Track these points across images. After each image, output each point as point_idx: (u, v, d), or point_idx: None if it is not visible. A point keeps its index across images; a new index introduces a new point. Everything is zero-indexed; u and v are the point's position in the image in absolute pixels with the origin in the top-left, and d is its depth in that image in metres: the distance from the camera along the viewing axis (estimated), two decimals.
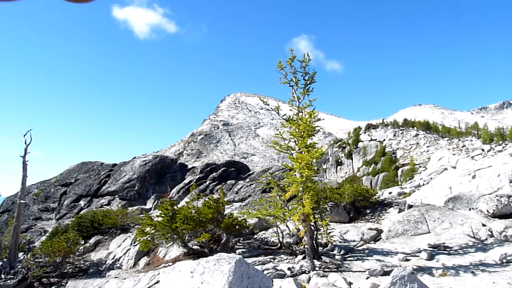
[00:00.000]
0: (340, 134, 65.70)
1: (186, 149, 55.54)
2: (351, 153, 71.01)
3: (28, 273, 14.42)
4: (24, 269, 14.80)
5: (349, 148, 71.83)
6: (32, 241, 20.86)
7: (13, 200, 31.17)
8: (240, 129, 61.39)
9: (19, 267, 15.17)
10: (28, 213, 26.93)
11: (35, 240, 21.39)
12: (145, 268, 13.09)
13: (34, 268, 14.34)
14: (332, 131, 65.42)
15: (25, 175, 17.84)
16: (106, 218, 18.31)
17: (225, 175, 25.39)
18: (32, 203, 29.37)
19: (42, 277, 14.17)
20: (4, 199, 31.43)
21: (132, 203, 25.13)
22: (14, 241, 16.23)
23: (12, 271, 15.00)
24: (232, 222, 11.88)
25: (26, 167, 17.79)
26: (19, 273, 14.69)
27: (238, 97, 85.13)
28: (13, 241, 16.20)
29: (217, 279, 6.48)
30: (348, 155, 71.12)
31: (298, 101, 10.73)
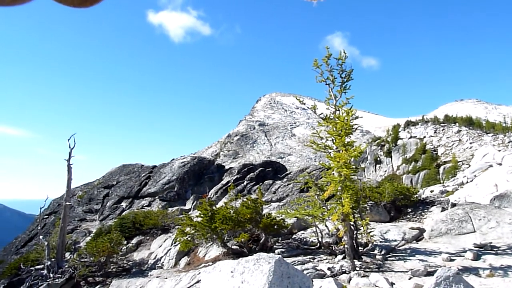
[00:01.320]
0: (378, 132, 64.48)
1: (222, 150, 55.93)
2: (390, 151, 69.47)
3: (74, 272, 14.95)
4: (71, 268, 15.36)
5: (388, 146, 70.30)
6: (78, 242, 21.60)
7: (59, 202, 32.38)
8: (276, 129, 61.08)
9: (66, 266, 15.76)
10: (73, 214, 27.91)
11: (80, 240, 22.14)
12: (186, 268, 13.29)
13: (80, 268, 14.86)
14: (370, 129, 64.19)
15: (70, 178, 18.50)
16: (147, 219, 18.72)
17: (262, 175, 25.44)
18: (77, 205, 30.43)
19: (87, 276, 14.67)
20: (50, 201, 32.68)
21: (172, 204, 25.58)
22: (61, 242, 16.87)
23: (60, 270, 15.60)
24: (270, 222, 11.89)
25: (70, 170, 18.45)
26: (66, 272, 15.27)
27: (274, 97, 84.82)
28: (60, 241, 16.84)
29: (257, 279, 6.50)
30: (387, 153, 69.63)
31: (335, 99, 10.60)
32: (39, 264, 17.20)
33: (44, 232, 26.39)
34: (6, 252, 28.52)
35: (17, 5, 0.99)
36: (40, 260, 17.59)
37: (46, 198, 22.09)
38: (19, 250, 26.48)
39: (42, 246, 18.64)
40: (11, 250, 28.13)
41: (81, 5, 1.00)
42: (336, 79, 10.57)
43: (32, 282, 15.61)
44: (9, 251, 28.17)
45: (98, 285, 14.16)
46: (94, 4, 1.01)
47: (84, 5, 1.01)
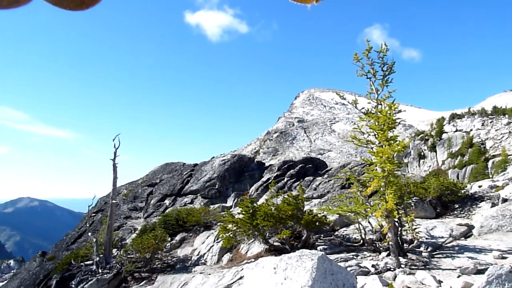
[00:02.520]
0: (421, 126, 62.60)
1: (262, 147, 55.98)
2: (434, 145, 67.30)
3: (121, 268, 15.43)
4: (118, 264, 15.86)
5: (432, 140, 68.13)
6: (124, 238, 22.27)
7: (105, 200, 33.50)
8: (315, 125, 60.49)
9: (113, 262, 16.29)
10: (119, 212, 28.78)
11: (126, 237, 22.81)
12: (229, 264, 13.42)
13: (127, 264, 15.32)
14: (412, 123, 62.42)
15: (115, 177, 19.10)
16: (190, 216, 19.04)
17: (302, 172, 25.30)
18: (122, 203, 31.37)
19: (134, 271, 15.09)
20: (97, 200, 33.84)
21: (214, 201, 25.90)
22: (108, 238, 17.45)
23: (108, 266, 16.14)
24: (312, 219, 11.81)
25: (116, 170, 19.05)
26: (114, 268, 15.78)
27: (312, 93, 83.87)
28: (108, 238, 17.42)
29: (300, 275, 6.48)
30: (431, 148, 67.50)
31: (377, 93, 10.37)
32: (88, 260, 17.87)
33: (92, 229, 27.38)
34: (58, 248, 29.80)
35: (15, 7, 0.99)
36: (89, 256, 18.26)
37: (94, 196, 22.93)
38: (69, 247, 27.60)
39: (90, 243, 19.36)
40: (62, 247, 29.36)
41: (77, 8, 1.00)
42: (377, 73, 10.33)
43: (82, 277, 16.24)
44: (60, 248, 29.42)
45: (144, 280, 14.54)
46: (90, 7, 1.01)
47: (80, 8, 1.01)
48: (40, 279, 23.27)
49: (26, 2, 0.99)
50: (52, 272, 21.23)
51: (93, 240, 17.82)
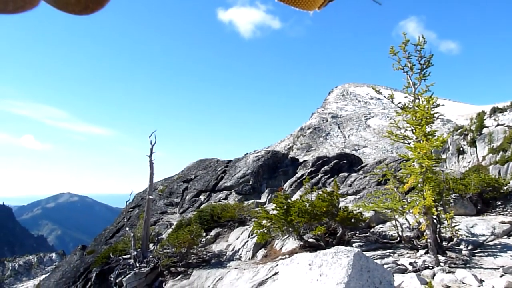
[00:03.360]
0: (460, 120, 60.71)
1: (295, 144, 55.66)
2: (474, 140, 65.09)
3: (158, 262, 15.75)
4: (154, 259, 16.19)
5: (471, 135, 65.93)
6: (160, 233, 22.69)
7: (142, 196, 34.23)
8: (349, 120, 59.62)
9: (150, 256, 16.64)
10: (156, 207, 29.35)
11: (162, 232, 23.23)
12: (263, 260, 13.46)
13: (163, 258, 15.61)
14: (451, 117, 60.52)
15: (152, 173, 19.48)
16: (225, 212, 19.19)
17: (337, 168, 25.03)
18: (158, 199, 31.97)
19: (170, 266, 15.36)
20: (134, 196, 34.62)
21: (247, 197, 26.00)
22: (145, 233, 17.83)
23: (145, 260, 16.50)
24: (347, 215, 11.68)
25: (152, 166, 19.42)
26: (151, 262, 16.12)
27: (346, 88, 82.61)
28: (145, 233, 17.81)
29: (335, 272, 6.43)
30: (471, 143, 65.34)
31: (414, 87, 10.12)
32: (126, 254, 18.32)
33: (130, 224, 28.06)
34: (97, 242, 30.72)
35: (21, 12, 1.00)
36: (127, 250, 18.73)
37: (131, 192, 23.44)
38: (108, 241, 28.38)
39: (128, 237, 19.84)
40: (101, 241, 30.24)
41: (82, 13, 1.01)
42: (414, 66, 10.08)
43: (120, 270, 16.68)
44: (99, 242, 30.30)
45: (180, 275, 14.77)
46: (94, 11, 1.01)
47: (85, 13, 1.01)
48: (80, 272, 24.06)
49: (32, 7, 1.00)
50: (92, 265, 21.90)
51: (130, 235, 18.26)
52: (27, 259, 72.59)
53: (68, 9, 1.00)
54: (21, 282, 61.11)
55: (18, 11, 0.99)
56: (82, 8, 1.00)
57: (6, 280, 63.76)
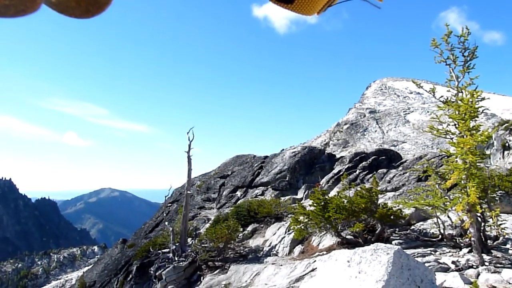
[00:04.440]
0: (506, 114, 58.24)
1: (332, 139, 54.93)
2: None
3: (196, 256, 16.00)
4: (193, 253, 16.46)
5: None
6: (198, 228, 23.02)
7: (180, 191, 34.83)
8: (388, 115, 58.23)
9: (189, 251, 16.93)
10: (193, 202, 29.77)
11: (200, 227, 23.57)
12: (300, 256, 13.42)
13: (201, 252, 15.84)
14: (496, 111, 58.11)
15: (190, 168, 19.80)
16: (261, 208, 19.25)
17: (375, 164, 24.57)
18: (196, 194, 32.42)
19: (208, 260, 15.58)
20: (173, 191, 35.27)
21: (284, 193, 25.96)
22: (184, 228, 18.15)
23: (184, 254, 16.81)
24: (386, 212, 11.46)
25: (190, 162, 19.73)
26: (189, 256, 16.40)
27: (385, 83, 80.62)
28: (183, 227, 18.13)
29: (375, 269, 6.33)
30: None
31: (457, 80, 9.77)
32: (165, 248, 18.71)
33: (169, 218, 28.64)
34: (137, 236, 31.53)
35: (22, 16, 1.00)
36: (166, 244, 19.12)
37: (170, 187, 23.95)
38: (147, 235, 29.06)
39: (167, 232, 20.25)
40: (140, 235, 31.00)
41: (82, 16, 1.00)
42: (457, 58, 9.73)
43: (160, 264, 17.06)
44: (139, 235, 31.08)
45: (218, 269, 14.95)
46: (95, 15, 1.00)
47: (86, 16, 1.00)
48: (121, 264, 24.78)
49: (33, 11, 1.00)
50: (132, 258, 22.51)
51: (169, 229, 18.62)
52: (71, 251, 75.55)
53: (68, 13, 1.00)
54: (66, 273, 63.67)
55: (19, 14, 0.99)
56: (83, 12, 1.00)
57: (52, 271, 66.62)
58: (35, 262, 70.78)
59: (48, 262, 70.38)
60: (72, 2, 1.00)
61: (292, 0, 1.07)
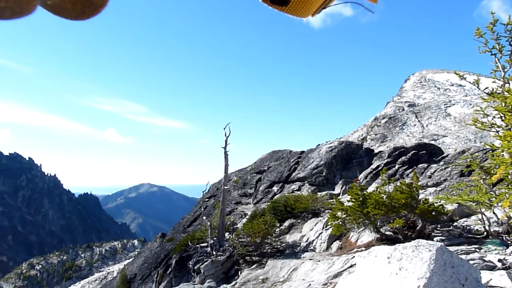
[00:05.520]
0: None
1: (369, 134, 53.91)
2: None
3: (234, 251, 16.14)
4: (230, 247, 16.61)
5: None
6: (235, 223, 23.22)
7: (217, 186, 35.21)
8: (428, 109, 56.51)
9: (226, 245, 17.10)
10: (230, 198, 30.03)
11: (237, 222, 23.76)
12: (338, 252, 13.28)
13: (239, 247, 15.97)
14: None
15: (226, 164, 19.96)
16: (298, 203, 19.18)
17: (415, 159, 23.94)
18: (233, 189, 32.68)
19: (245, 255, 15.68)
20: (210, 186, 35.70)
21: (321, 188, 25.75)
22: (221, 222, 18.34)
23: (221, 249, 16.99)
24: (428, 208, 11.14)
25: (227, 157, 19.90)
26: (226, 251, 16.56)
27: (424, 75, 78.21)
28: (221, 222, 18.32)
29: (416, 266, 6.17)
30: None
31: (503, 70, 9.36)
32: (203, 242, 18.98)
33: (206, 213, 29.02)
34: (175, 231, 32.13)
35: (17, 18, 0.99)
36: (204, 238, 19.39)
37: (207, 183, 24.27)
38: (186, 229, 29.56)
39: (205, 226, 20.54)
40: (179, 229, 31.58)
41: (78, 18, 0.99)
42: (504, 48, 9.31)
43: (198, 258, 17.32)
44: (178, 230, 31.66)
45: (255, 264, 15.02)
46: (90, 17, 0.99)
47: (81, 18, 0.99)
48: (161, 258, 25.32)
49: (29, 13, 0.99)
50: (171, 252, 22.96)
51: (207, 224, 18.87)
52: (112, 245, 77.92)
53: (64, 14, 0.99)
54: (108, 266, 65.76)
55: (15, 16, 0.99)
56: (78, 14, 0.99)
57: (94, 264, 69.00)
58: (79, 254, 73.45)
59: (91, 255, 72.92)
60: (68, 4, 1.00)
61: (286, 2, 1.07)
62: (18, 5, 0.99)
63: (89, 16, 0.99)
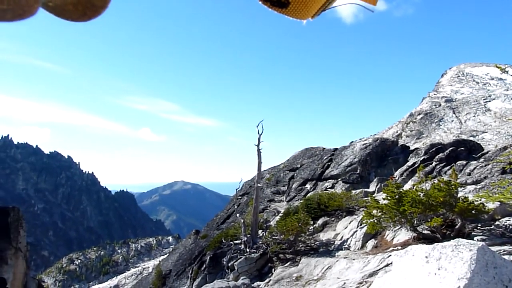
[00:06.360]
0: None
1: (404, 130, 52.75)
2: None
3: (267, 248, 16.16)
4: (264, 245, 16.65)
5: None
6: (268, 220, 23.24)
7: (250, 184, 35.36)
8: (466, 104, 54.71)
9: (260, 242, 17.14)
10: (263, 195, 30.07)
11: (270, 219, 23.77)
12: (373, 251, 13.07)
13: (272, 244, 15.98)
14: None
15: (259, 162, 20.02)
16: (332, 201, 19.00)
17: (453, 156, 23.23)
18: (265, 187, 32.72)
19: (279, 252, 15.67)
20: (243, 184, 35.89)
21: (355, 186, 25.42)
22: (255, 220, 18.40)
23: (255, 246, 17.04)
24: (467, 206, 10.80)
25: (260, 155, 19.95)
26: (260, 248, 16.60)
27: (462, 69, 75.68)
28: (254, 219, 18.38)
29: (456, 266, 6.00)
30: None
31: None
32: (237, 239, 19.09)
33: (239, 210, 29.18)
34: (209, 228, 32.48)
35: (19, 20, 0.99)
36: (237, 235, 19.51)
37: (240, 180, 24.40)
38: (219, 226, 29.83)
39: (238, 223, 20.66)
40: (212, 226, 31.90)
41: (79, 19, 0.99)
42: None
43: (232, 255, 17.44)
44: (211, 227, 31.99)
45: (289, 262, 14.98)
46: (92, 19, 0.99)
47: (82, 20, 0.99)
48: (195, 254, 25.64)
49: (30, 15, 1.00)
50: (205, 249, 23.22)
51: (240, 221, 18.97)
52: (147, 241, 79.57)
53: (65, 16, 1.00)
54: (143, 262, 67.20)
55: (16, 18, 1.00)
56: (80, 15, 1.00)
57: (130, 259, 70.64)
58: (116, 250, 75.35)
59: (127, 250, 74.68)
60: (69, 6, 1.00)
61: (286, 4, 1.08)
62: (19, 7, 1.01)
63: (91, 18, 1.00)
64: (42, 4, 1.01)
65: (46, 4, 1.01)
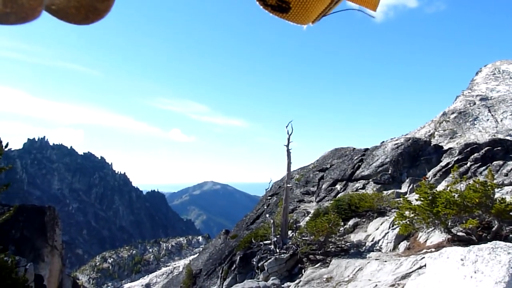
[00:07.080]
0: None
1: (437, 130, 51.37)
2: None
3: (297, 249, 16.10)
4: (293, 246, 16.60)
5: None
6: (298, 221, 23.16)
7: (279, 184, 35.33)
8: (502, 102, 52.74)
9: (289, 243, 17.10)
10: (293, 196, 29.98)
11: (300, 220, 23.68)
12: (406, 253, 12.84)
13: (302, 245, 15.91)
14: None
15: (289, 162, 19.98)
16: (362, 202, 18.77)
17: (489, 156, 22.51)
18: (295, 187, 32.61)
19: (309, 253, 15.59)
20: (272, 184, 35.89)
21: (386, 186, 25.00)
22: (284, 220, 18.37)
23: (285, 246, 17.01)
24: (505, 208, 10.46)
25: (289, 155, 19.91)
26: (290, 249, 16.56)
27: (498, 66, 72.92)
28: (283, 220, 18.35)
29: (493, 270, 5.84)
30: None
31: None
32: (267, 239, 19.10)
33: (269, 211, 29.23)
34: (239, 228, 32.64)
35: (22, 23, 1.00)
36: (267, 236, 19.52)
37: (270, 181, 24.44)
38: (249, 226, 29.91)
39: (268, 224, 20.67)
40: (242, 226, 32.03)
41: (82, 23, 0.99)
42: None
43: (262, 255, 17.47)
44: (241, 227, 32.13)
45: (319, 262, 14.88)
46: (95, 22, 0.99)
47: (85, 22, 0.99)
48: (225, 254, 25.81)
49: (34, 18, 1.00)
50: (235, 249, 23.33)
51: (270, 222, 19.00)
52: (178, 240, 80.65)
53: (68, 19, 1.01)
54: (174, 261, 68.14)
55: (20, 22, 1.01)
56: (82, 19, 1.00)
57: (161, 259, 71.77)
58: (147, 249, 76.69)
59: (158, 250, 75.89)
60: (72, 9, 1.01)
61: (287, 10, 1.08)
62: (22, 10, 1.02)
63: (93, 21, 1.01)
64: (45, 7, 1.03)
65: (49, 7, 1.02)
